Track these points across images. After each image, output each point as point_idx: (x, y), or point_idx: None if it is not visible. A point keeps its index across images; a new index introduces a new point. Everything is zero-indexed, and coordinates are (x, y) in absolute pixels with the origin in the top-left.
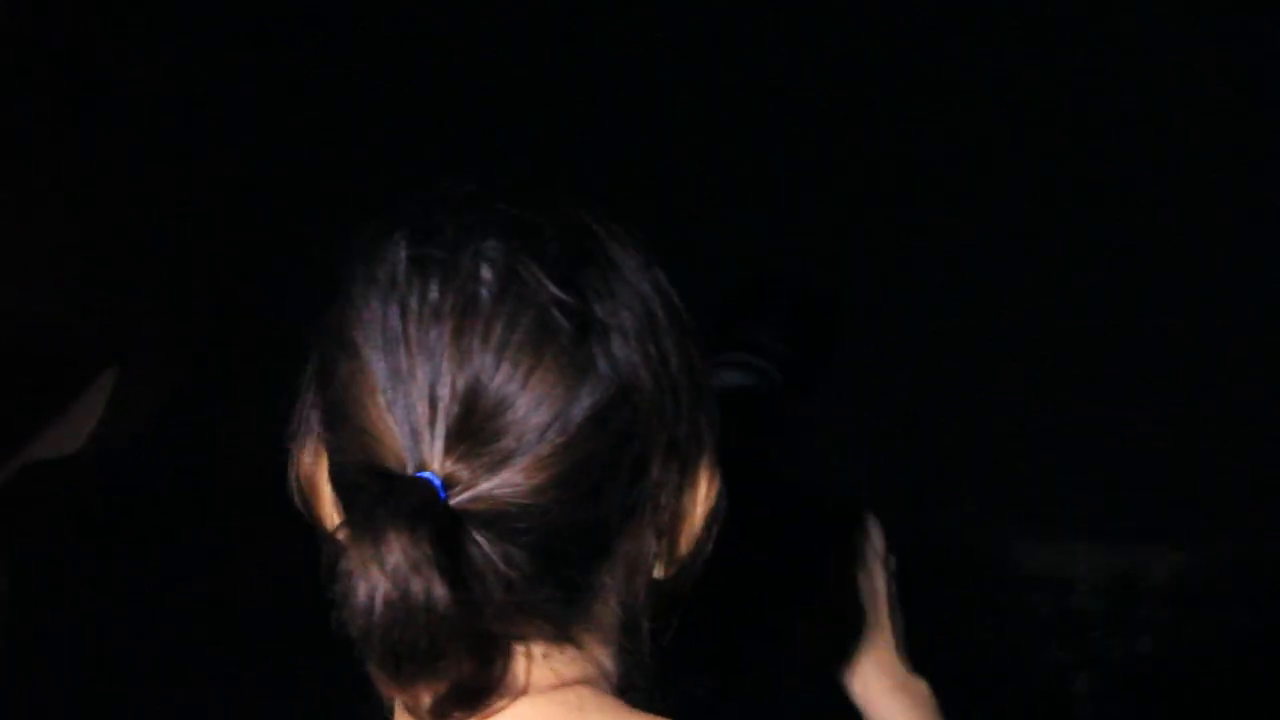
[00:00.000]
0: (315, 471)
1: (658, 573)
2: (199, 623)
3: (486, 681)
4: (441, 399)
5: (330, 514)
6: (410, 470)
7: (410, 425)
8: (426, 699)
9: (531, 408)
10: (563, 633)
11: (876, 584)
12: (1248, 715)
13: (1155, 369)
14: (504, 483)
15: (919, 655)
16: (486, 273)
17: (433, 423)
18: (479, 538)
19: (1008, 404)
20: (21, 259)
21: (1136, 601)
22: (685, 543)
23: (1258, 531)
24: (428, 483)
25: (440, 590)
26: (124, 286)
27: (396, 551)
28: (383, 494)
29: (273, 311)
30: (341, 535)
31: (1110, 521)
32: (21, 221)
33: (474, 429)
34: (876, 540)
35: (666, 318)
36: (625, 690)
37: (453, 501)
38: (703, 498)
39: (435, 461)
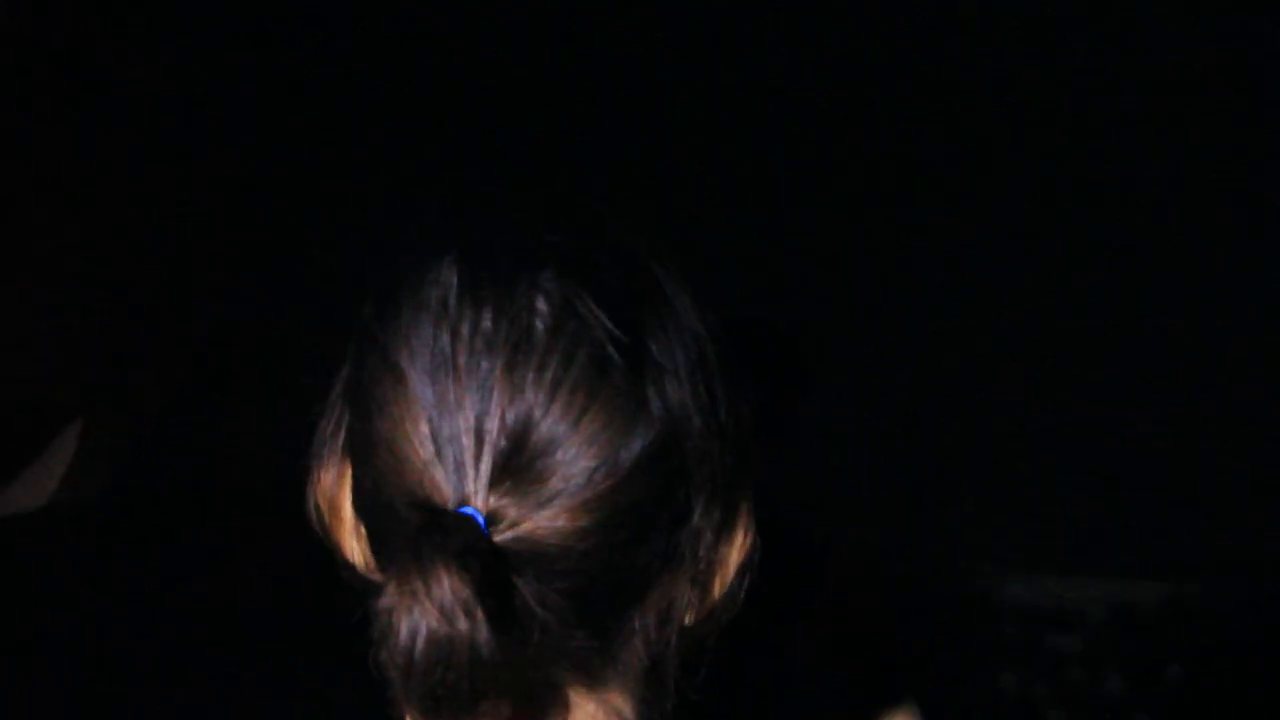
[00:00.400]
0: (337, 493)
1: (687, 620)
2: (199, 623)
3: None
4: (489, 433)
5: (350, 540)
6: (451, 504)
7: (454, 457)
8: None
9: (581, 449)
10: (591, 679)
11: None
12: None
13: (1157, 370)
14: (547, 523)
15: (916, 690)
16: (542, 305)
17: (478, 457)
18: (518, 578)
19: (1007, 404)
20: (21, 259)
21: (1124, 635)
22: (718, 591)
23: (1256, 563)
24: (473, 519)
25: (485, 630)
26: (123, 287)
27: (445, 589)
28: (429, 528)
29: (273, 311)
30: (381, 570)
31: (1107, 553)
32: (21, 221)
33: (520, 466)
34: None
35: (716, 360)
36: None
37: (495, 539)
38: (738, 547)
39: (479, 497)
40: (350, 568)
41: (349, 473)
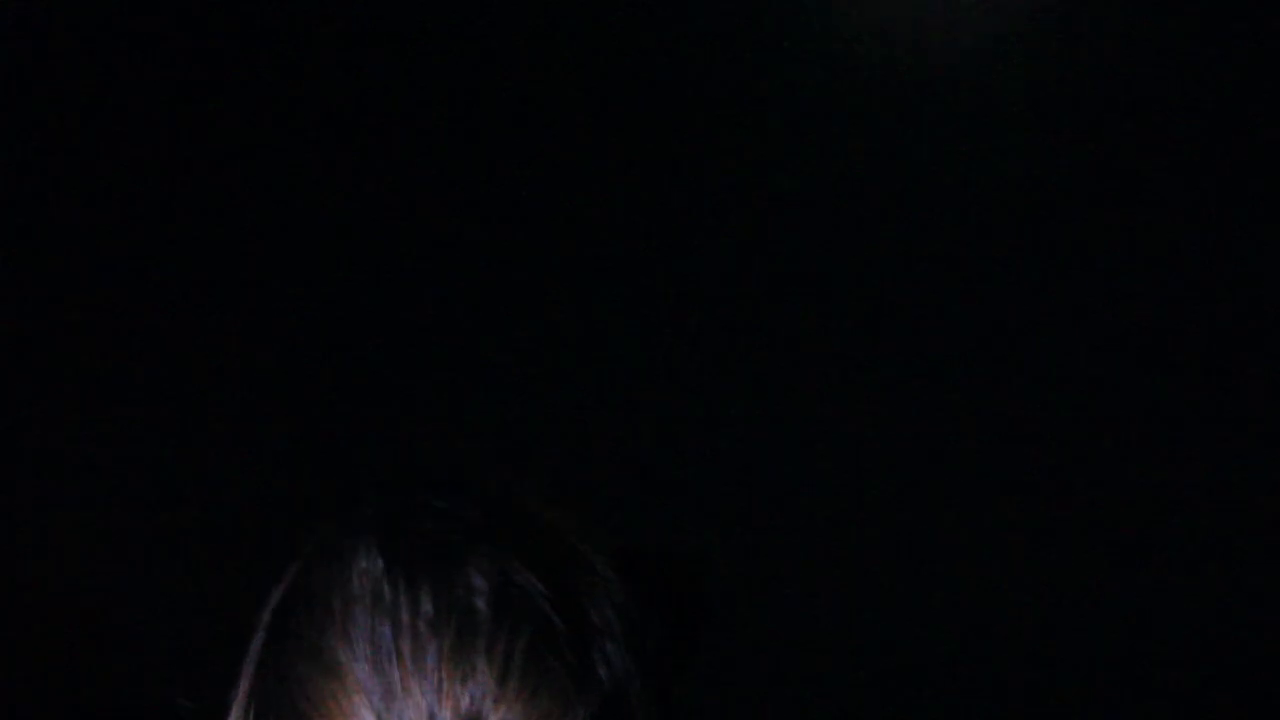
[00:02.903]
0: None
1: None
2: (198, 622)
3: None
4: (443, 717)
5: None
6: None
7: None
8: None
9: None
10: None
11: None
12: None
13: (1165, 369)
14: None
15: None
16: (479, 582)
17: None
18: None
19: (1008, 404)
20: (22, 259)
21: None
22: None
23: None
24: None
25: None
26: (123, 286)
27: None
28: None
29: (272, 311)
30: None
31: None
32: (22, 221)
33: None
34: None
35: (641, 622)
36: None
37: None
38: None
39: None
40: None
41: None
